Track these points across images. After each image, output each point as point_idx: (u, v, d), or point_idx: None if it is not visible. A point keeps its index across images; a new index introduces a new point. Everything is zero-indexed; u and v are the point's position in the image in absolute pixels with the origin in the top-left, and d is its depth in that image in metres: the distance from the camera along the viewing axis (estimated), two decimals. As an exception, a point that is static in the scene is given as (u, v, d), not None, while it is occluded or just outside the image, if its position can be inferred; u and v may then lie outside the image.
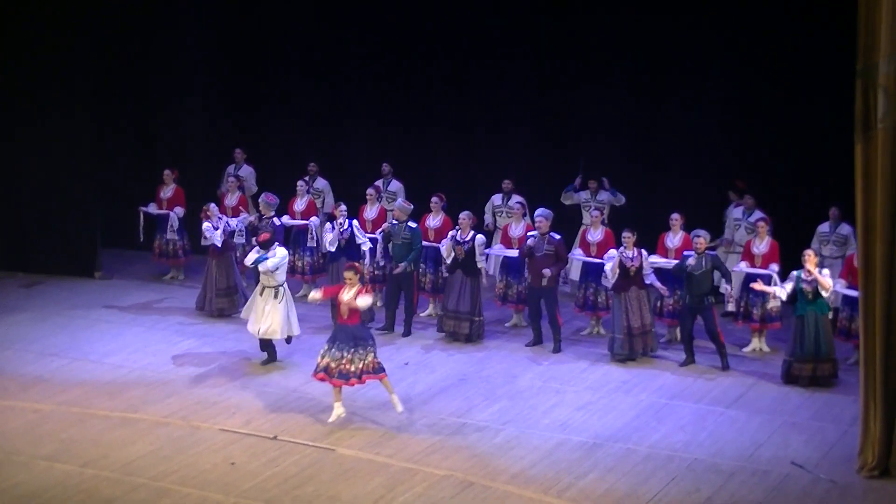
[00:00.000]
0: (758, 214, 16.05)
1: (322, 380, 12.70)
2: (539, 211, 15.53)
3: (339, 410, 12.66)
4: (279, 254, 14.42)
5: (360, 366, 12.59)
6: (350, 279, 12.64)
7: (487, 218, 17.42)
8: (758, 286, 14.32)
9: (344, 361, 12.57)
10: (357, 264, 13.18)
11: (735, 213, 16.47)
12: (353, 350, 12.59)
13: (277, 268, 14.34)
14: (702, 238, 14.51)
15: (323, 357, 12.69)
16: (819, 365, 13.81)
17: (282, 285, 14.45)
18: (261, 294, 14.44)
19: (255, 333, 14.56)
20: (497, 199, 17.39)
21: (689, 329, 14.58)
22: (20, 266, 18.81)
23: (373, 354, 12.70)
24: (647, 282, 14.74)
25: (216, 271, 16.55)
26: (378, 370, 12.72)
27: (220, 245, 16.47)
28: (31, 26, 18.28)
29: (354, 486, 11.33)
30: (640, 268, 14.60)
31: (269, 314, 14.36)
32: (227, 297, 16.60)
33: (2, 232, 18.93)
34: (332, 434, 12.50)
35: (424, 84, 18.97)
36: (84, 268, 18.67)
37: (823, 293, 13.73)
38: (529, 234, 15.42)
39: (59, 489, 11.28)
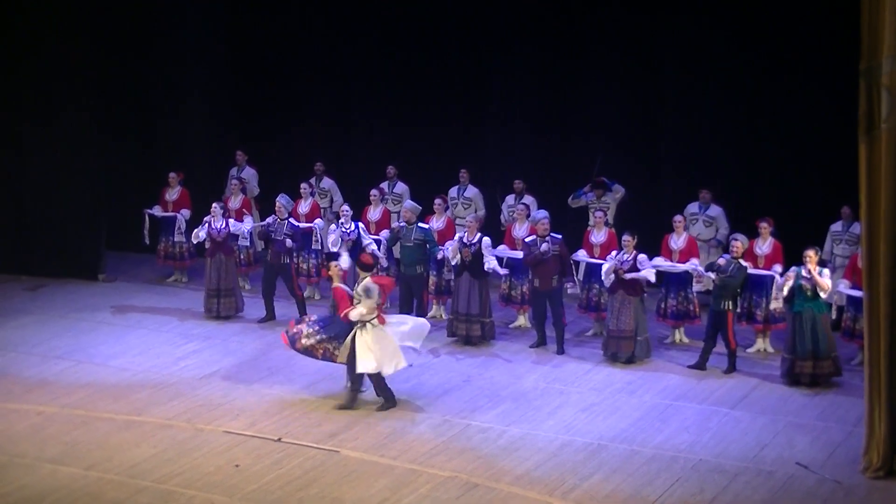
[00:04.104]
0: (715, 209, 16.11)
1: (284, 341, 13.52)
2: (540, 213, 15.50)
3: None
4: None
5: (329, 348, 13.32)
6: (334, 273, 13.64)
7: (505, 219, 17.37)
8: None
9: (317, 343, 13.32)
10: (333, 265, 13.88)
11: (691, 207, 16.38)
12: (332, 339, 13.25)
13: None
14: (739, 242, 14.44)
15: (300, 325, 13.48)
16: (818, 363, 13.80)
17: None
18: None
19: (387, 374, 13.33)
20: (510, 199, 17.37)
21: (712, 334, 14.45)
22: (24, 269, 18.80)
23: (339, 350, 13.34)
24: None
25: (217, 273, 16.46)
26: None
27: (220, 238, 16.32)
28: (36, 29, 18.30)
29: (359, 488, 11.34)
30: (630, 271, 14.51)
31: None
32: (229, 297, 16.55)
33: (6, 235, 18.93)
34: (337, 436, 12.51)
35: (429, 86, 18.90)
36: (88, 270, 18.65)
37: (822, 294, 13.70)
38: (528, 239, 15.35)
39: (64, 492, 11.29)
